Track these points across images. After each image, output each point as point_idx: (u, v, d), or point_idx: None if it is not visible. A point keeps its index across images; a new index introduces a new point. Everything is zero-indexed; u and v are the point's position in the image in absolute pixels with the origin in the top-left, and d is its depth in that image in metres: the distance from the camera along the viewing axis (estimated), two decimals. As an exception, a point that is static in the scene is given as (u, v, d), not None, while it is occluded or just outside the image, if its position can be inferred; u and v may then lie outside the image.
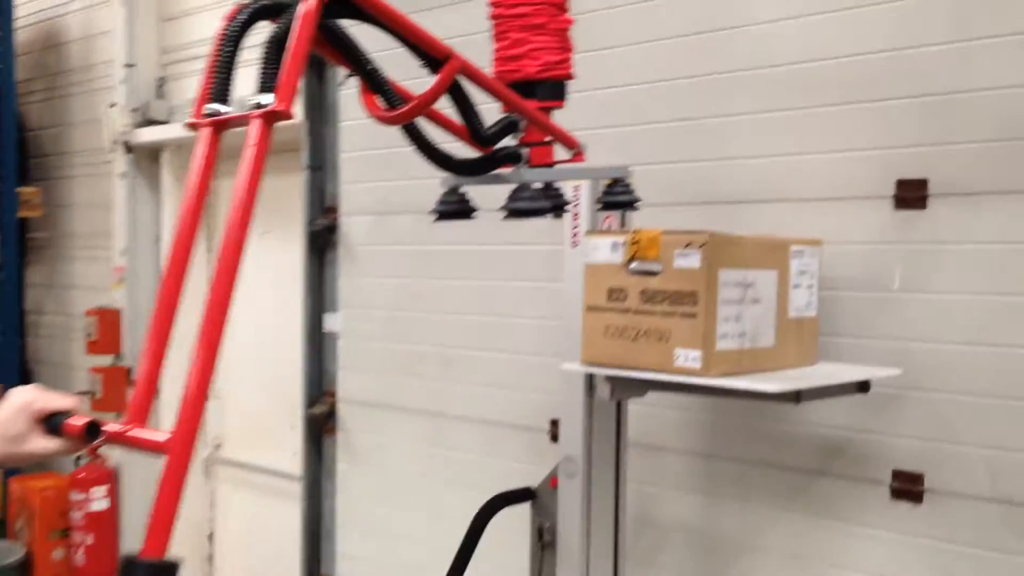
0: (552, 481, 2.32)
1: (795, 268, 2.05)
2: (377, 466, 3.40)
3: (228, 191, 3.60)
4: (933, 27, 2.19)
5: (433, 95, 1.51)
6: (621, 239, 1.92)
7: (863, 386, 2.09)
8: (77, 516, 4.60)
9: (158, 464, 1.14)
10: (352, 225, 3.43)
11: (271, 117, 1.22)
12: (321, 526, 3.56)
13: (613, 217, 2.29)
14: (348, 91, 3.34)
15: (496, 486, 2.48)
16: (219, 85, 1.28)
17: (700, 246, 1.81)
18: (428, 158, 1.69)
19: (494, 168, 1.73)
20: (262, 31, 1.34)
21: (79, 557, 4.59)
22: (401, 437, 3.30)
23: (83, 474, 4.65)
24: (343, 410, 3.48)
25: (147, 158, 4.67)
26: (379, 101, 1.51)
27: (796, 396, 1.89)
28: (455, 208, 1.81)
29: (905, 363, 2.16)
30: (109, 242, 4.82)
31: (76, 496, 4.60)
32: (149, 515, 1.10)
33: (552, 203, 1.81)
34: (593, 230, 2.10)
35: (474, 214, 1.82)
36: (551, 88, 1.81)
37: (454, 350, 3.09)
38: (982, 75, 2.10)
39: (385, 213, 3.33)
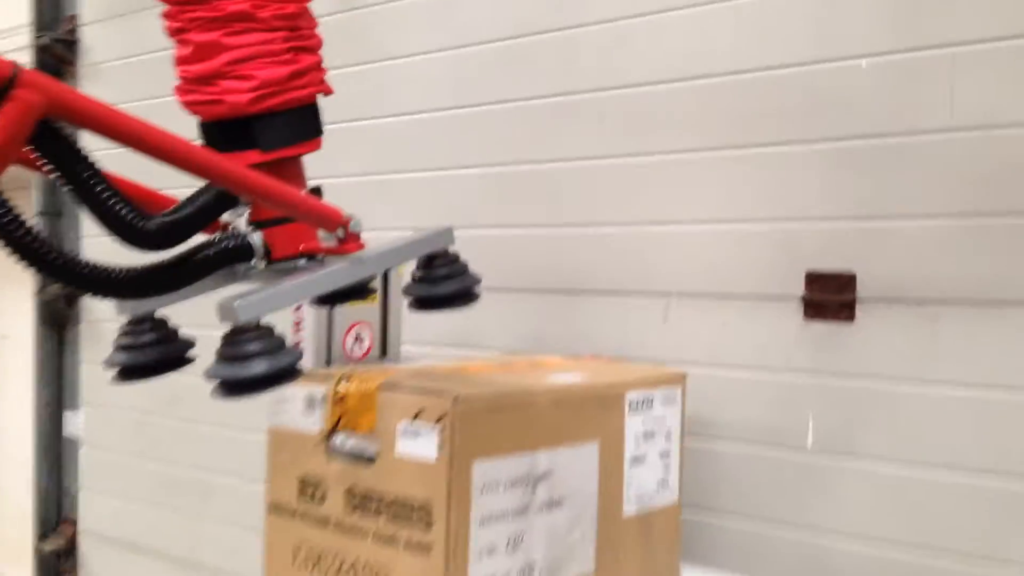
0: None
1: (635, 430, 1.30)
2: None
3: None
4: (875, 27, 1.41)
5: None
6: (320, 390, 1.17)
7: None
8: None
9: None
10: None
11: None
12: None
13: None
14: None
15: None
16: None
17: (437, 420, 1.05)
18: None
19: (205, 275, 0.98)
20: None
21: None
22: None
23: None
24: (85, 546, 2.69)
25: None
26: None
27: None
28: (145, 360, 1.05)
29: (821, 571, 1.38)
30: None
31: None
32: None
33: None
34: None
35: (179, 367, 1.08)
36: (282, 126, 1.04)
37: (215, 476, 2.35)
38: (953, 102, 1.33)
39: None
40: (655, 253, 1.64)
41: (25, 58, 2.79)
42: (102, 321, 2.64)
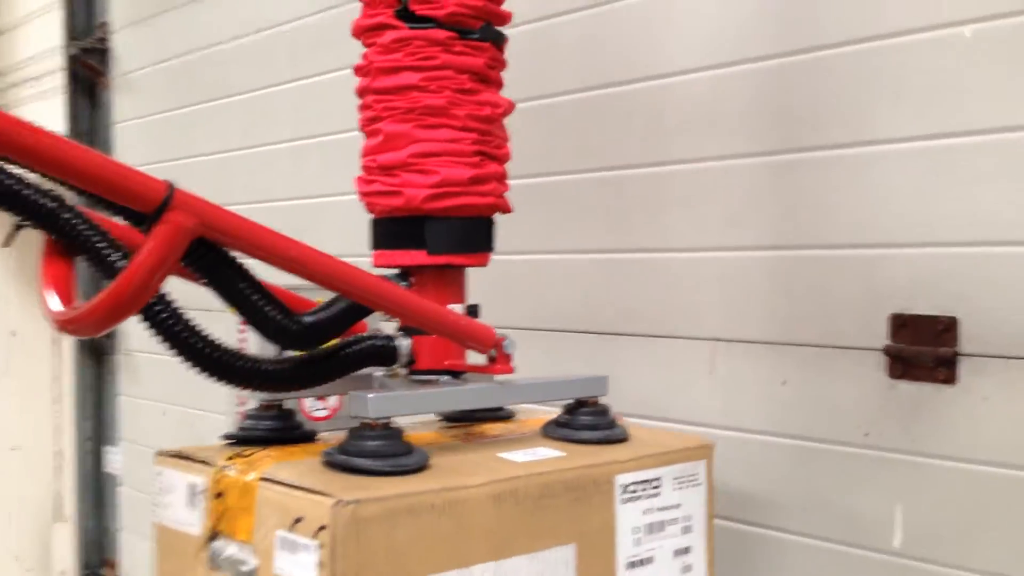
0: None
1: (632, 524, 0.99)
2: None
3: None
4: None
5: (136, 283, 0.77)
6: (200, 479, 0.94)
7: None
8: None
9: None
10: (132, 324, 2.45)
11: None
12: None
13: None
14: (123, 124, 2.46)
15: None
16: None
17: (316, 532, 0.79)
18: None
19: (349, 372, 0.98)
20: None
21: None
22: None
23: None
24: (129, 589, 2.57)
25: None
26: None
27: None
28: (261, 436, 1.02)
29: None
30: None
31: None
32: None
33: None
34: (166, 451, 1.02)
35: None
36: (453, 231, 1.03)
37: None
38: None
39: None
40: (703, 287, 1.31)
41: (58, 78, 2.70)
42: (138, 352, 2.51)
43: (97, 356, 2.64)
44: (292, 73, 2.03)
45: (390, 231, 1.03)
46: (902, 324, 1.08)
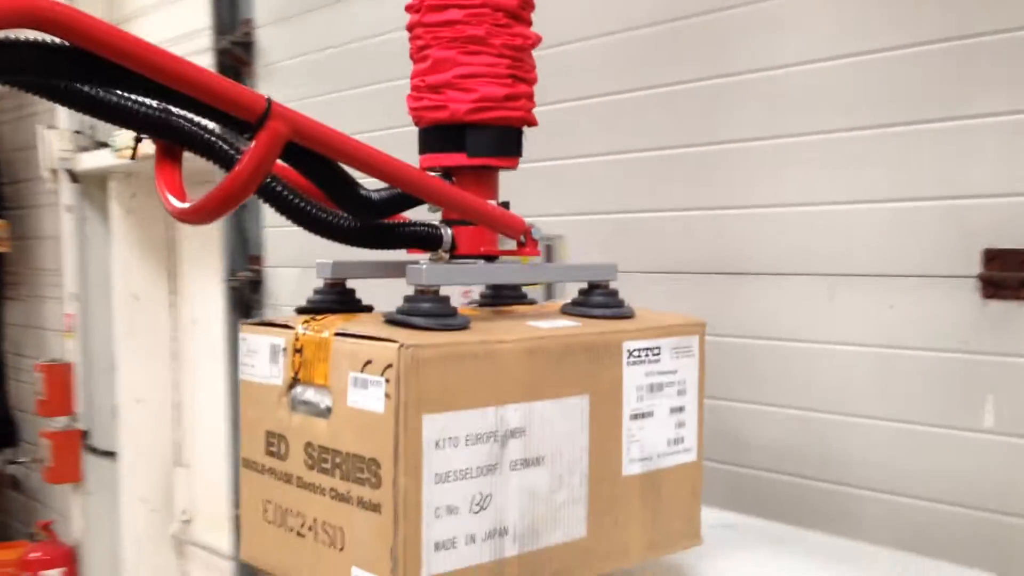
0: None
1: (637, 382, 1.18)
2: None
3: (190, 231, 2.95)
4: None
5: (245, 178, 0.96)
6: (282, 340, 1.11)
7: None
8: (30, 602, 4.11)
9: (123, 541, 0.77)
10: (278, 280, 2.79)
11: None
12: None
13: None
14: None
15: None
16: None
17: (383, 370, 0.97)
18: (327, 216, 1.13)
19: (402, 245, 1.19)
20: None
21: (34, 647, 4.10)
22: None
23: (35, 554, 4.15)
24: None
25: (97, 187, 4.13)
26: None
27: None
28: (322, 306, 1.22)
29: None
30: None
31: (27, 580, 4.11)
32: None
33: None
34: (252, 320, 1.22)
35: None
36: (490, 138, 1.20)
37: None
38: None
39: (309, 266, 2.65)
40: (817, 234, 1.63)
41: (206, 60, 3.02)
42: (283, 305, 2.84)
43: (246, 310, 2.96)
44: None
45: (436, 138, 1.21)
46: (993, 257, 1.40)
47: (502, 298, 1.31)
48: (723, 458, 1.81)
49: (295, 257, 2.83)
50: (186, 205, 1.02)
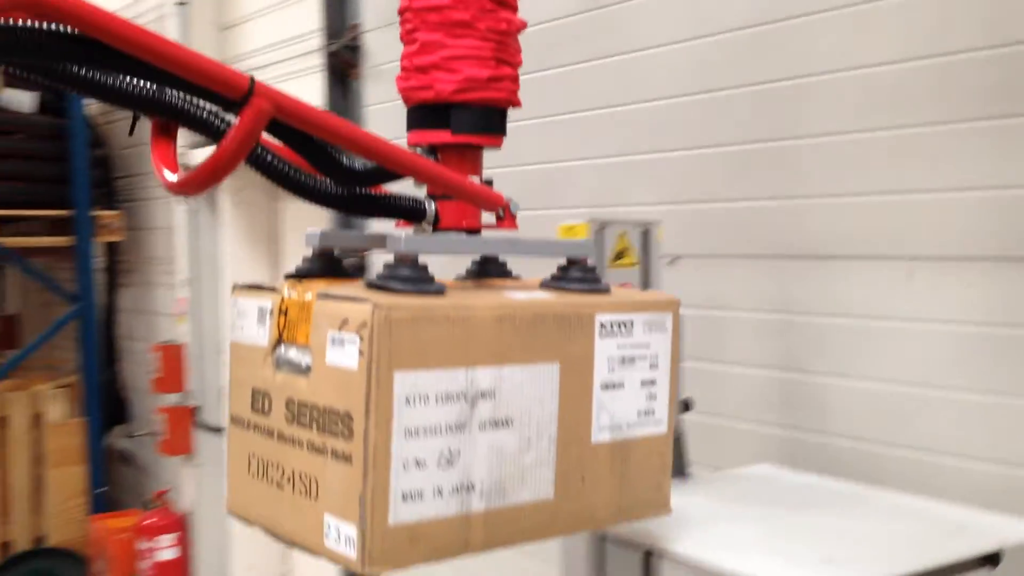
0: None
1: (608, 354, 1.21)
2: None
3: (294, 215, 3.21)
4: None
5: (231, 151, 1.03)
6: (269, 303, 1.17)
7: (991, 559, 1.42)
8: (146, 565, 4.41)
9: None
10: (378, 259, 3.00)
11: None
12: None
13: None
14: (373, 107, 2.97)
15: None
16: None
17: (358, 329, 1.02)
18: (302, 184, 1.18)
19: (384, 215, 1.24)
20: None
21: (150, 607, 4.40)
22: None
23: (150, 520, 4.44)
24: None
25: (208, 180, 4.40)
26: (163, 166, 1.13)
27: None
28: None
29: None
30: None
31: (144, 544, 4.40)
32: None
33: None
34: (243, 284, 1.26)
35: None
36: (473, 117, 1.24)
37: None
38: None
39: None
40: (895, 220, 1.77)
41: (316, 62, 3.25)
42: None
43: None
44: (537, 64, 2.53)
45: (423, 116, 1.25)
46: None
47: (487, 272, 1.34)
48: (805, 425, 1.95)
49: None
50: (177, 177, 1.10)
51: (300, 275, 1.20)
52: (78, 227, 4.86)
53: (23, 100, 4.68)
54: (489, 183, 1.28)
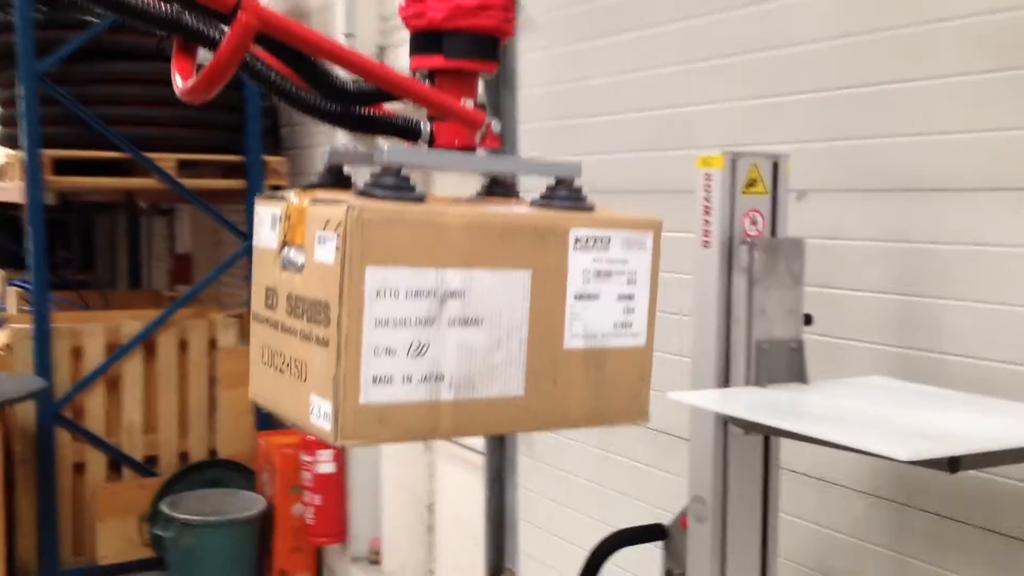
0: (683, 521, 2.06)
1: (583, 267, 1.27)
2: (554, 464, 3.25)
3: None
4: None
5: (222, 61, 1.16)
6: (279, 209, 1.28)
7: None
8: (307, 477, 4.88)
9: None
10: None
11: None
12: (504, 518, 3.48)
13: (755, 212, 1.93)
14: (528, 56, 3.20)
15: (666, 501, 2.27)
16: None
17: (336, 227, 1.13)
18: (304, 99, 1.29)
19: (383, 132, 1.36)
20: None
21: (309, 516, 4.87)
22: (576, 437, 3.14)
23: (311, 437, 4.91)
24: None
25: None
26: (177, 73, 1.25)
27: (952, 463, 1.47)
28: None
29: None
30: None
31: (305, 457, 4.87)
32: None
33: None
34: (264, 194, 1.36)
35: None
36: (464, 43, 1.31)
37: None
38: None
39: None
40: (1005, 154, 1.92)
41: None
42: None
43: None
44: (678, 13, 2.74)
45: (420, 42, 1.33)
46: None
47: (492, 192, 1.42)
48: (920, 345, 2.13)
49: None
50: (186, 85, 1.24)
51: (310, 186, 1.32)
52: (250, 171, 5.32)
53: (204, 55, 5.15)
54: (482, 107, 1.36)
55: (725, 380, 1.93)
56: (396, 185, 1.20)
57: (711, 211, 1.94)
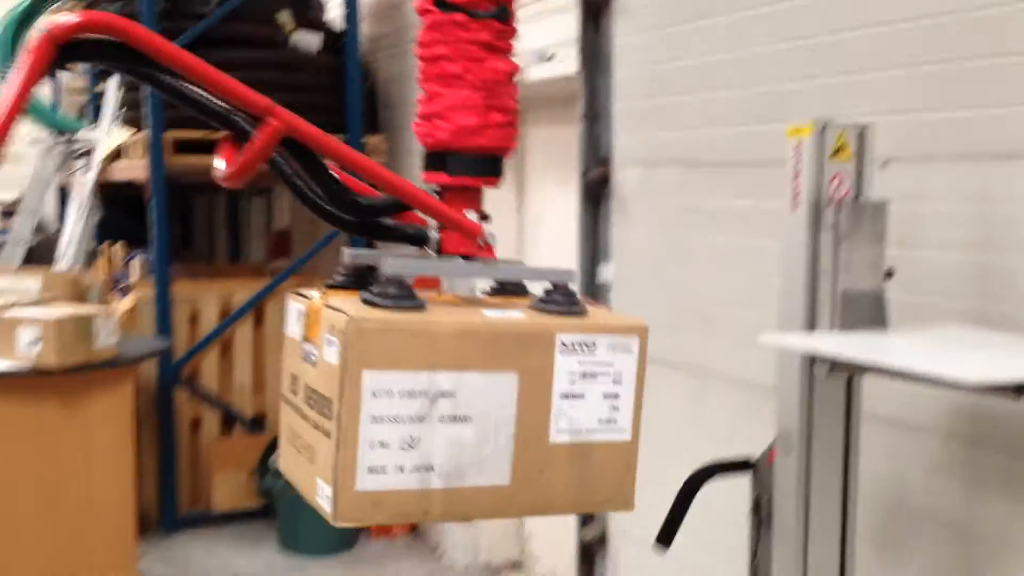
0: (770, 455, 2.26)
1: (569, 369, 1.36)
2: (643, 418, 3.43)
3: (537, 148, 3.77)
4: None
5: (252, 160, 1.29)
6: (303, 307, 1.42)
7: None
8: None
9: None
10: (624, 177, 3.48)
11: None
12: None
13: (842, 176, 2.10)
14: (623, 39, 3.36)
15: (754, 451, 2.35)
16: None
17: (340, 334, 1.26)
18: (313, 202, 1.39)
19: (393, 240, 1.47)
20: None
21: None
22: (663, 392, 3.32)
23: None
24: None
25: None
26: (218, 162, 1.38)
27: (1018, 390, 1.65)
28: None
29: None
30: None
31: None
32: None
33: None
34: (295, 291, 1.51)
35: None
36: (466, 162, 1.41)
37: (715, 308, 3.05)
38: None
39: (654, 165, 3.33)
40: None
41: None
42: (626, 198, 3.53)
43: (595, 202, 3.59)
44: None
45: (431, 160, 1.44)
46: None
47: (504, 290, 1.52)
48: (998, 308, 2.18)
49: (641, 158, 3.39)
50: (223, 173, 1.37)
51: (333, 286, 1.46)
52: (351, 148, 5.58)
53: (311, 41, 5.42)
54: (484, 217, 1.46)
55: (811, 327, 2.05)
56: (397, 295, 1.32)
57: (801, 175, 2.11)
